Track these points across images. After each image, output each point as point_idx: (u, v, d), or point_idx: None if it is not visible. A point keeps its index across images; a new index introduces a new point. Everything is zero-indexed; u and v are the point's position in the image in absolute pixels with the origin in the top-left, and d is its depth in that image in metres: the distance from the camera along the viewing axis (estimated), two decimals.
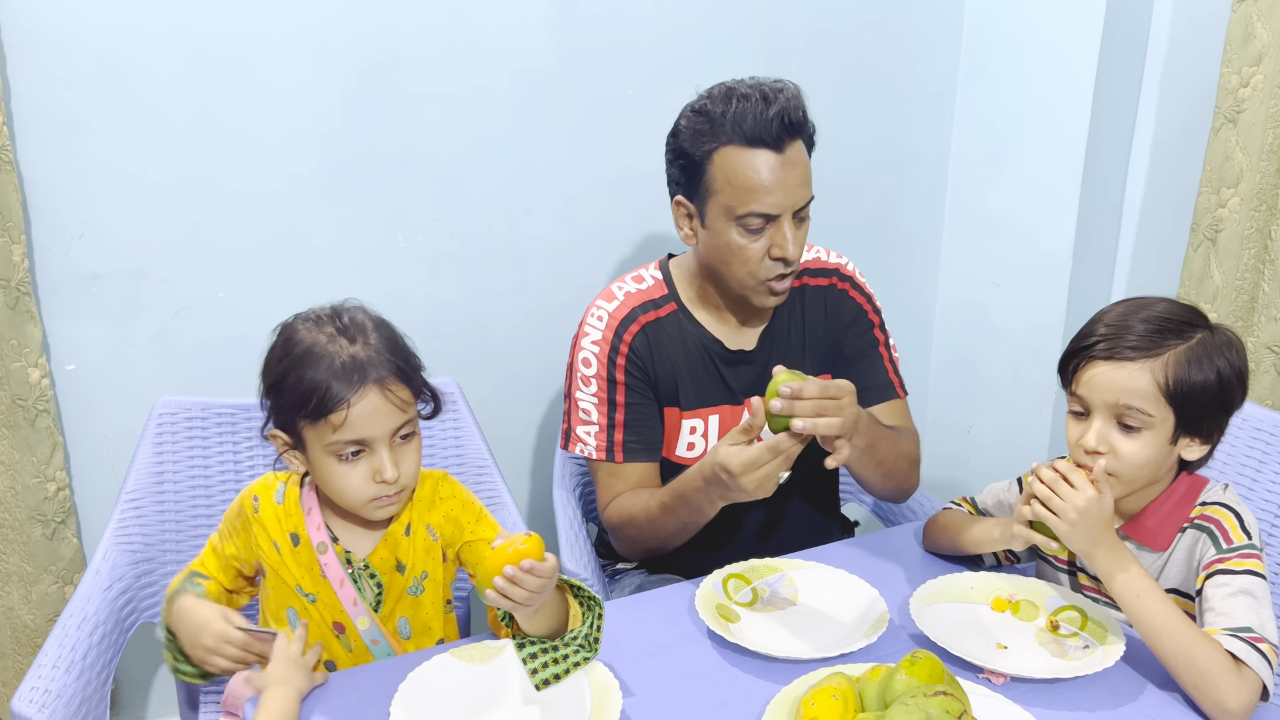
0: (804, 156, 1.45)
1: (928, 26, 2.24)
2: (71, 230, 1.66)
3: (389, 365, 1.20)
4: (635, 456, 1.55)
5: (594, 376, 1.55)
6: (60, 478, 1.72)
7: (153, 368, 1.77)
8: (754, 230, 1.44)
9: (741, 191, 1.42)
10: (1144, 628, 1.17)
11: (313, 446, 1.20)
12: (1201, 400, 1.21)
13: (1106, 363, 1.23)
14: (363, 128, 1.80)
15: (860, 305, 1.63)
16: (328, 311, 1.24)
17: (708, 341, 1.57)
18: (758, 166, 1.41)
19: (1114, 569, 1.20)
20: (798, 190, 1.43)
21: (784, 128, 1.40)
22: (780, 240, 1.44)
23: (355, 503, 1.22)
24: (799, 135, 1.43)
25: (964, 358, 2.45)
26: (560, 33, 1.89)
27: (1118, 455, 1.23)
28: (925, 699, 0.99)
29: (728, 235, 1.45)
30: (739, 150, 1.41)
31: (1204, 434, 1.25)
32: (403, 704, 1.10)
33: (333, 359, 1.17)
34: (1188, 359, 1.21)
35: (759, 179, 1.41)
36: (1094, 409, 1.25)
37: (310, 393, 1.16)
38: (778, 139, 1.40)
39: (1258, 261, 2.02)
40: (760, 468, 1.28)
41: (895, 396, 1.63)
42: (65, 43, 1.59)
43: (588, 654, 1.17)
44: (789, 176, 1.42)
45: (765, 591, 1.38)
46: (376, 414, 1.18)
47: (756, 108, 1.40)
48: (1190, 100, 2.05)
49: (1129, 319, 1.24)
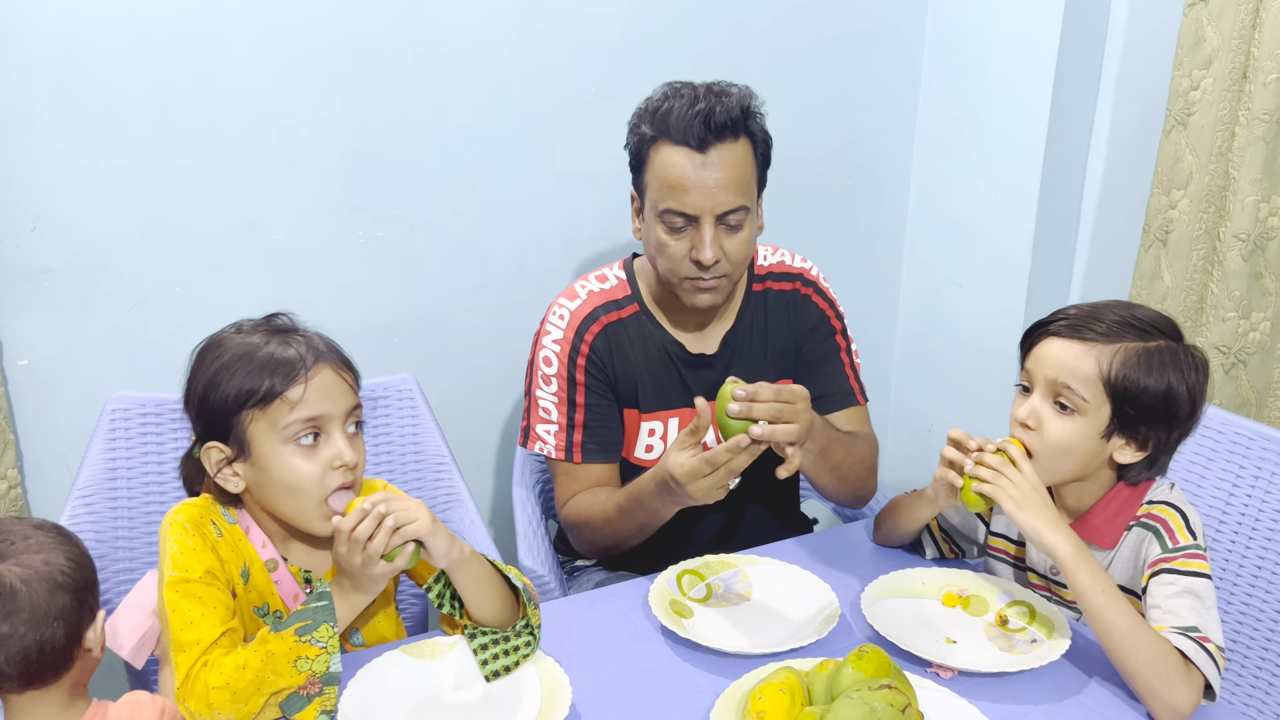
0: (735, 160, 1.43)
1: (891, 25, 2.26)
2: (23, 223, 1.64)
3: (332, 353, 1.21)
4: (593, 458, 1.56)
5: (554, 375, 1.55)
6: (12, 475, 1.70)
7: (107, 363, 1.75)
8: (676, 229, 1.44)
9: (664, 188, 1.43)
10: (1105, 626, 1.16)
11: (263, 441, 1.16)
12: (1142, 403, 1.22)
13: (1060, 340, 1.25)
14: (323, 121, 1.79)
15: (823, 311, 1.63)
16: (254, 321, 1.23)
17: (669, 344, 1.57)
18: (679, 164, 1.41)
19: (1076, 559, 1.19)
20: (719, 194, 1.42)
21: (707, 128, 1.40)
22: (698, 243, 1.43)
23: (309, 500, 1.17)
24: (728, 138, 1.42)
25: (925, 356, 2.48)
26: (523, 27, 1.89)
27: (1045, 433, 1.25)
28: (870, 692, 1.00)
29: (656, 230, 1.47)
30: (666, 147, 1.43)
31: (1140, 440, 1.25)
32: (352, 700, 1.10)
33: (276, 350, 1.17)
34: (1139, 358, 1.22)
35: (677, 177, 1.41)
36: (1036, 383, 1.27)
37: (260, 378, 1.14)
38: (701, 140, 1.40)
39: (1206, 263, 2.06)
40: (703, 477, 1.28)
41: (855, 403, 1.64)
42: (18, 32, 1.56)
43: (532, 644, 1.18)
44: (709, 178, 1.41)
45: (719, 587, 1.39)
46: (333, 389, 1.17)
47: (684, 106, 1.41)
48: (1144, 103, 2.08)
49: (1102, 309, 1.26)
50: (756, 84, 2.12)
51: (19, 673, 0.97)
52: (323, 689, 1.09)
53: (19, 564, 0.97)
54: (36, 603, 0.97)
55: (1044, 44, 2.07)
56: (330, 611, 1.10)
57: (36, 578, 0.97)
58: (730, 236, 1.45)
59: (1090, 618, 1.18)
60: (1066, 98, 2.09)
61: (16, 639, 0.96)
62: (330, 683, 1.09)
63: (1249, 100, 1.93)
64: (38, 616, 0.97)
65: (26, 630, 0.96)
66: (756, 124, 1.47)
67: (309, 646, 1.08)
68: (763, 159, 1.49)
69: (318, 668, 1.08)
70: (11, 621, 0.96)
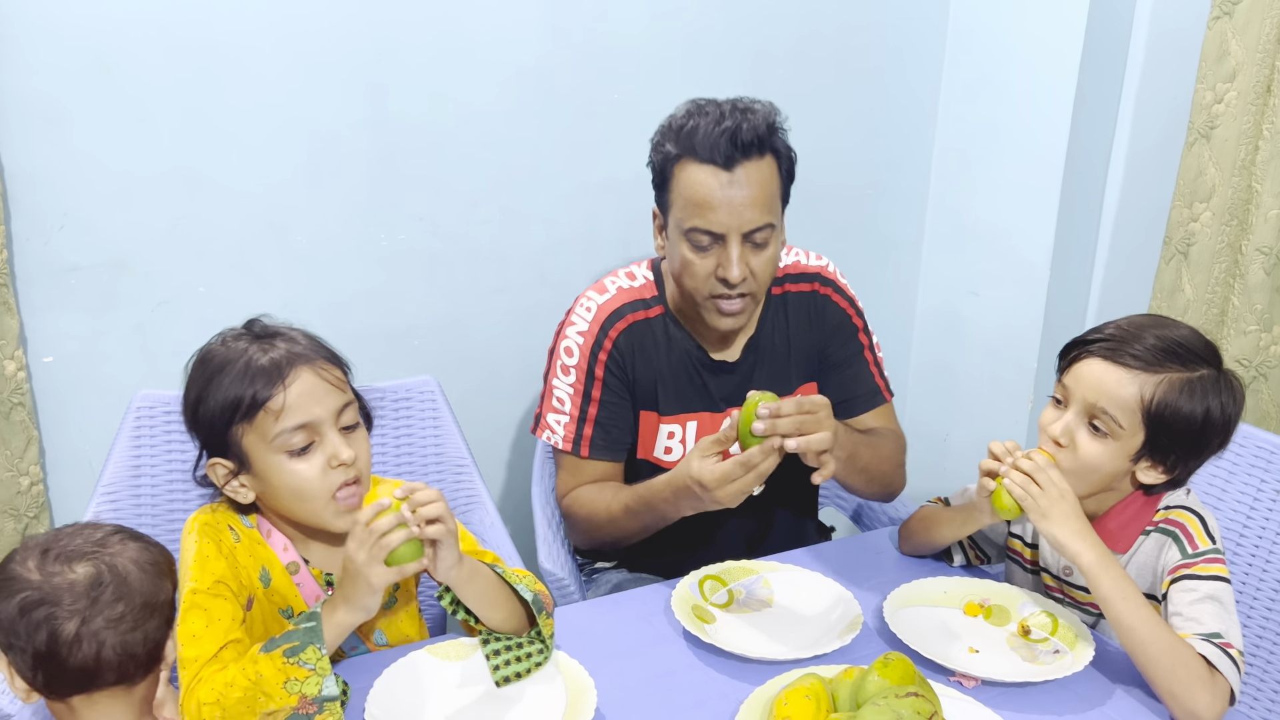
0: (761, 178, 1.42)
1: (912, 34, 2.26)
2: (51, 221, 1.65)
3: (315, 350, 1.19)
4: (600, 454, 1.57)
5: (574, 366, 1.56)
6: (34, 472, 1.71)
7: (131, 361, 1.76)
8: (701, 247, 1.43)
9: (690, 207, 1.42)
10: (1126, 631, 1.17)
11: (258, 453, 1.14)
12: (1178, 431, 1.21)
13: (1103, 361, 1.24)
14: (348, 125, 1.80)
15: (844, 311, 1.63)
16: (236, 330, 1.21)
17: (691, 349, 1.58)
18: (705, 182, 1.40)
19: (1100, 566, 1.19)
20: (746, 212, 1.41)
21: (735, 146, 1.39)
22: (725, 261, 1.42)
23: (318, 501, 1.16)
24: (754, 155, 1.41)
25: (942, 365, 2.47)
26: (547, 35, 1.90)
27: (1076, 452, 1.25)
28: (897, 700, 1.00)
29: (681, 248, 1.46)
30: (691, 165, 1.42)
31: (1168, 464, 1.25)
32: (379, 700, 1.11)
33: (252, 358, 1.15)
34: (1181, 388, 1.20)
35: (704, 195, 1.40)
36: (1072, 401, 1.26)
37: (240, 389, 1.13)
38: (728, 157, 1.39)
39: (1228, 276, 2.06)
40: (734, 482, 1.29)
41: (882, 401, 1.64)
42: (49, 33, 1.58)
43: (545, 652, 1.18)
44: (736, 196, 1.40)
45: (741, 593, 1.39)
46: (315, 391, 1.14)
47: (710, 124, 1.40)
48: (1166, 115, 2.08)
49: (1144, 330, 1.24)
50: (778, 93, 2.13)
51: (118, 662, 0.99)
52: (322, 707, 1.06)
53: (120, 555, 1.01)
54: (146, 587, 1.01)
55: (1066, 54, 2.07)
56: (317, 633, 1.07)
57: (139, 567, 1.01)
58: (756, 254, 1.44)
59: (1114, 623, 1.19)
60: (1088, 109, 2.09)
61: (130, 620, 0.99)
62: (327, 702, 1.06)
63: (1273, 114, 1.93)
64: (147, 601, 1.01)
65: (140, 614, 1.00)
66: (781, 140, 1.46)
67: (297, 668, 1.05)
68: (787, 175, 1.48)
69: (308, 690, 1.05)
70: (128, 601, 0.99)
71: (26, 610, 0.97)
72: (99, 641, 0.98)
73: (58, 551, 1.01)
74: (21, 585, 0.98)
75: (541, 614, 1.17)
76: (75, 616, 0.97)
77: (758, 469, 1.28)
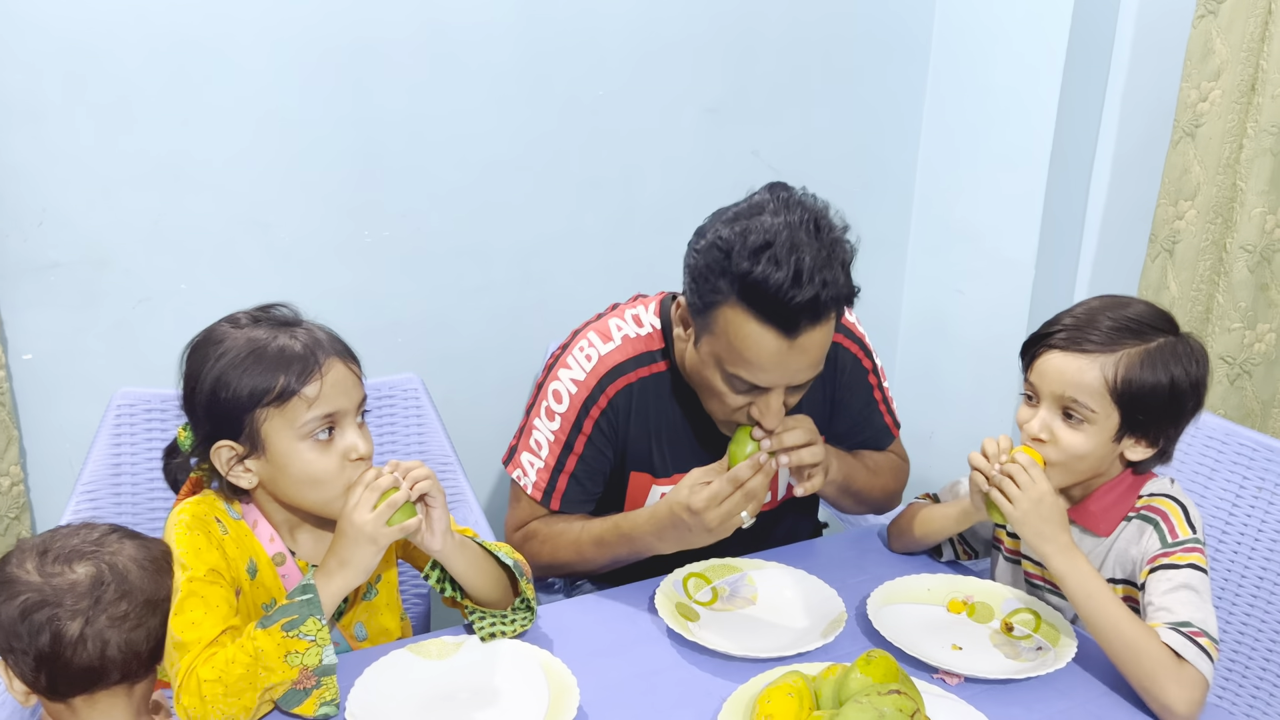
0: (823, 339, 1.27)
1: (898, 33, 2.26)
2: (30, 218, 1.64)
3: (337, 343, 1.21)
4: (570, 509, 1.48)
5: (560, 414, 1.45)
6: (14, 472, 1.69)
7: (111, 359, 1.75)
8: (739, 390, 1.30)
9: (736, 355, 1.26)
10: (1095, 627, 1.19)
11: (280, 438, 1.14)
12: (1149, 403, 1.23)
13: (1061, 353, 1.25)
14: (330, 121, 1.79)
15: (854, 356, 1.54)
16: (254, 312, 1.21)
17: (693, 414, 1.46)
18: (761, 345, 1.23)
19: (1066, 567, 1.22)
20: (801, 373, 1.28)
21: (808, 318, 1.22)
22: (763, 408, 1.29)
23: (332, 490, 1.16)
24: (825, 319, 1.25)
25: (928, 363, 2.48)
26: (530, 30, 1.89)
27: (1058, 444, 1.26)
28: (879, 697, 1.00)
29: (712, 375, 1.31)
30: (746, 316, 1.23)
31: (1150, 437, 1.26)
32: (359, 699, 1.10)
33: (285, 345, 1.15)
34: (1141, 360, 1.22)
35: (755, 356, 1.25)
36: (1042, 397, 1.27)
37: (275, 374, 1.13)
38: (793, 326, 1.22)
39: (1213, 273, 2.07)
40: (723, 502, 1.26)
41: (890, 440, 1.62)
42: (29, 27, 1.56)
43: (530, 618, 1.23)
44: (793, 361, 1.25)
45: (725, 591, 1.39)
46: (345, 383, 1.17)
47: (783, 285, 1.19)
48: (1151, 113, 2.09)
49: (1097, 315, 1.26)
50: (763, 90, 2.15)
51: (122, 661, 0.99)
52: (319, 681, 1.08)
53: (120, 554, 1.02)
54: (147, 585, 1.01)
55: (1051, 53, 2.07)
56: (315, 605, 1.08)
57: (139, 565, 1.02)
58: (795, 394, 1.33)
59: (1084, 622, 1.21)
60: (1073, 107, 2.10)
61: (133, 619, 1.00)
62: (326, 674, 1.09)
63: (1257, 112, 1.94)
64: (149, 598, 1.02)
65: (142, 612, 1.00)
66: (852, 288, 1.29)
67: (297, 641, 1.07)
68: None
69: (309, 661, 1.07)
70: (130, 600, 1.00)
71: (29, 612, 0.97)
72: (103, 641, 0.98)
73: (56, 552, 1.00)
74: (22, 588, 0.98)
75: (523, 579, 1.22)
76: (78, 617, 0.97)
77: (746, 487, 1.25)
